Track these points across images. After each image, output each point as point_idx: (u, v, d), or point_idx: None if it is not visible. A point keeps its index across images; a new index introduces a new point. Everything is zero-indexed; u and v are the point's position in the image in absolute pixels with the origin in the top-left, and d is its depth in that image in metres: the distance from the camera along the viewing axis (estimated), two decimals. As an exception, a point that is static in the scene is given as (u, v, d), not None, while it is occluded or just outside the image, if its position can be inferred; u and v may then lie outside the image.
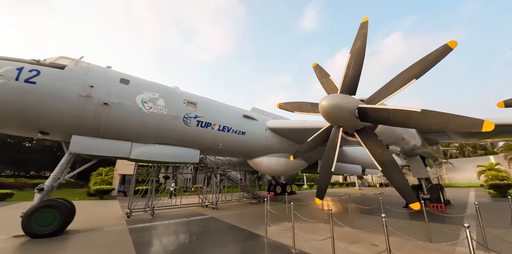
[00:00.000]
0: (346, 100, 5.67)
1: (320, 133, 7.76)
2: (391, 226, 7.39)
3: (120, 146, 7.93)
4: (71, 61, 7.37)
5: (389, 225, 4.92)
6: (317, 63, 8.67)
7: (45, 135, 7.21)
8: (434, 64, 5.05)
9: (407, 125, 5.15)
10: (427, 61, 5.11)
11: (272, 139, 12.35)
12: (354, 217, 8.27)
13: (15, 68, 6.25)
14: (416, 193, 12.95)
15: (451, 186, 31.05)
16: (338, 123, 6.20)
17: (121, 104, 7.55)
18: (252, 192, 15.44)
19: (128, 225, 8.27)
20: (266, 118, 12.76)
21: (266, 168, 12.91)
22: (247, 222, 8.66)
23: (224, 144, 10.33)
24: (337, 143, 6.45)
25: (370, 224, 7.46)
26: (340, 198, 18.88)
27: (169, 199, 17.43)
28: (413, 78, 5.25)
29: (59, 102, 6.69)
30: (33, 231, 6.20)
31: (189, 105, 9.18)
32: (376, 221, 7.84)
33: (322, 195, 6.57)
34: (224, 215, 10.34)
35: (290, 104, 8.74)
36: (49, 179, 7.04)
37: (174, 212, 11.72)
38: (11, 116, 6.39)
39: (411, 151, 10.50)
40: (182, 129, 8.85)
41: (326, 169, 6.57)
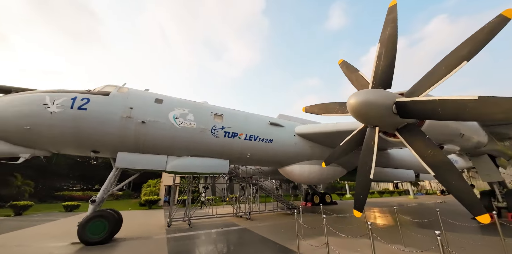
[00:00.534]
0: (379, 95, 5.00)
1: (353, 136, 7.05)
2: (456, 244, 6.18)
3: (157, 159, 8.63)
4: (115, 88, 8.50)
5: (453, 242, 4.03)
6: (344, 60, 8.11)
7: (96, 153, 8.34)
8: (487, 41, 4.19)
9: (462, 118, 4.25)
10: (478, 38, 4.26)
11: (302, 146, 11.84)
12: (407, 233, 7.12)
13: (70, 98, 7.49)
14: (488, 201, 10.65)
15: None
16: (372, 122, 5.54)
17: (156, 121, 8.31)
18: (286, 202, 14.87)
19: (167, 234, 8.76)
20: (294, 124, 12.38)
21: (298, 176, 12.34)
22: (280, 234, 8.27)
23: (252, 153, 10.33)
24: (374, 145, 5.70)
25: (428, 241, 6.33)
26: (390, 209, 16.73)
27: (200, 208, 18.02)
28: (463, 60, 4.38)
29: (106, 124, 7.70)
30: (87, 239, 7.03)
31: (216, 117, 9.58)
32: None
33: (361, 207, 5.83)
34: (257, 226, 10.12)
35: (316, 106, 8.31)
36: (100, 192, 8.03)
37: (209, 222, 12.01)
38: (69, 138, 7.59)
39: (476, 149, 8.75)
40: (210, 141, 9.21)
41: (363, 176, 5.86)
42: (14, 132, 6.98)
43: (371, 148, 5.73)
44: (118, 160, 8.12)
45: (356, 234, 6.88)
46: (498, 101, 3.78)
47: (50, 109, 7.11)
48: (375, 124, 5.60)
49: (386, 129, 5.85)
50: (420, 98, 4.75)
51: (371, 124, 5.68)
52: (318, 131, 11.33)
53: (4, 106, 6.92)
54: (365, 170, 5.76)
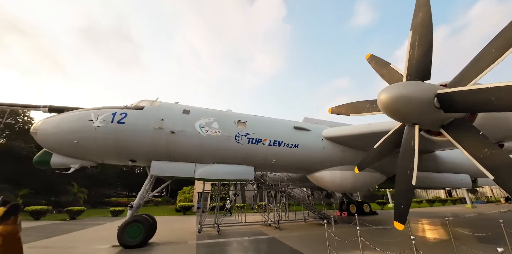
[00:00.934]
0: (415, 88, 4.44)
1: (389, 136, 6.32)
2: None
3: (186, 167, 9.05)
4: (148, 102, 9.32)
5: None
6: (372, 54, 7.55)
7: (133, 162, 9.11)
8: None
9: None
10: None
11: (332, 150, 11.14)
12: (462, 249, 6.05)
13: (110, 113, 8.40)
14: None
15: None
16: (410, 120, 4.91)
17: (184, 131, 8.80)
18: (318, 211, 14.03)
19: (197, 240, 8.97)
20: (321, 127, 11.81)
21: (329, 183, 11.60)
22: (311, 246, 7.75)
23: (277, 159, 10.12)
24: (415, 146, 4.98)
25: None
26: (442, 220, 14.55)
27: (230, 215, 18.05)
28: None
29: (140, 135, 8.41)
30: (125, 242, 7.57)
31: (239, 124, 9.74)
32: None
33: (403, 218, 5.05)
34: (286, 236, 9.69)
35: (344, 106, 7.80)
36: (137, 198, 8.65)
37: (238, 229, 11.98)
38: (110, 149, 8.46)
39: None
40: (235, 147, 9.34)
41: (403, 183, 5.12)
42: (66, 146, 8.08)
43: (411, 150, 5.03)
44: (152, 168, 8.74)
45: (398, 249, 6.06)
46: None
47: (95, 124, 8.08)
48: (413, 122, 4.94)
49: (428, 127, 5.12)
50: (468, 88, 4.03)
51: (409, 122, 5.03)
52: (349, 133, 10.52)
53: (58, 123, 8.10)
54: (406, 175, 5.06)
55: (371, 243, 6.89)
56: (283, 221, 13.57)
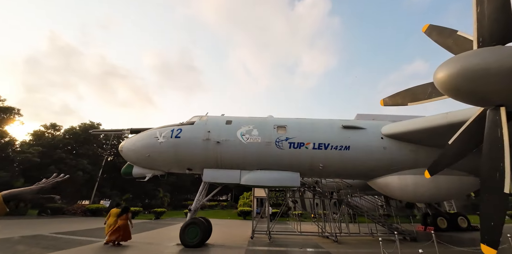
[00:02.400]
0: (491, 55, 3.36)
1: (468, 127, 4.83)
2: None
3: (232, 174, 9.58)
4: (198, 118, 10.55)
5: None
6: (430, 24, 6.16)
7: (190, 171, 10.35)
8: None
9: None
10: None
11: (397, 150, 9.27)
12: None
13: (170, 130, 9.91)
14: None
15: None
16: (492, 101, 3.76)
17: (227, 140, 9.43)
18: (388, 224, 11.83)
19: (247, 246, 9.13)
20: (379, 123, 10.13)
21: (399, 191, 9.62)
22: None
23: (325, 164, 9.31)
24: (503, 137, 3.72)
25: None
26: None
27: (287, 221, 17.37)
28: None
29: (193, 146, 9.55)
30: (186, 242, 8.49)
31: (279, 129, 9.62)
32: None
33: (494, 240, 3.69)
34: (344, 252, 8.59)
35: (399, 95, 6.54)
36: (194, 202, 9.70)
37: (291, 238, 11.52)
38: (172, 160, 9.91)
39: None
40: (276, 153, 9.24)
41: (491, 191, 3.82)
42: (141, 159, 10.00)
43: (498, 143, 3.73)
44: (204, 176, 9.69)
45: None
46: None
47: (159, 140, 9.71)
48: (498, 104, 3.72)
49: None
50: None
51: (491, 104, 3.80)
52: (419, 127, 8.39)
53: (135, 142, 10.17)
54: (494, 180, 3.73)
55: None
56: (343, 234, 12.17)
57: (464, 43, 5.05)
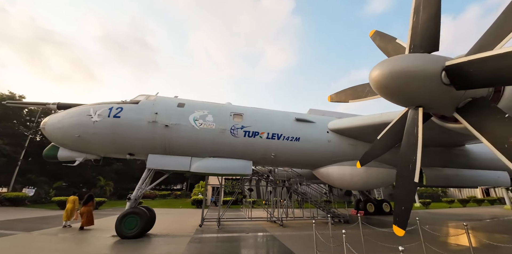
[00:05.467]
0: (415, 60, 3.63)
1: (394, 125, 5.47)
2: None
3: (182, 161, 8.98)
4: (144, 97, 9.38)
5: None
6: (376, 30, 6.62)
7: (132, 156, 9.29)
8: None
9: None
10: None
11: (339, 143, 10.23)
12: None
13: (107, 108, 8.58)
14: None
15: None
16: (412, 102, 4.08)
17: (178, 124, 8.68)
18: (327, 209, 13.20)
19: (194, 234, 8.91)
20: (327, 119, 10.90)
21: (338, 180, 10.71)
22: (310, 248, 7.15)
23: (277, 153, 9.56)
24: (418, 134, 4.15)
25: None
26: (468, 224, 12.76)
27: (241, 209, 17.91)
28: None
29: (135, 129, 8.49)
30: (122, 233, 7.75)
31: (235, 116, 9.34)
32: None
33: (403, 222, 4.29)
34: (287, 235, 9.19)
35: (344, 92, 7.03)
36: (134, 191, 8.82)
37: (240, 225, 11.78)
38: (109, 143, 8.68)
39: None
40: (231, 141, 9.00)
41: (404, 179, 4.34)
42: (70, 140, 8.46)
43: (414, 139, 4.19)
44: (148, 162, 8.81)
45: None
46: None
47: (93, 118, 8.32)
48: (417, 104, 4.08)
49: (438, 111, 4.24)
50: (485, 54, 3.13)
51: (412, 105, 4.17)
52: (358, 124, 9.47)
53: (62, 118, 8.51)
54: (407, 171, 4.23)
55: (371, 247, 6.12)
56: (290, 218, 13.09)
57: (399, 50, 5.56)
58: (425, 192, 31.76)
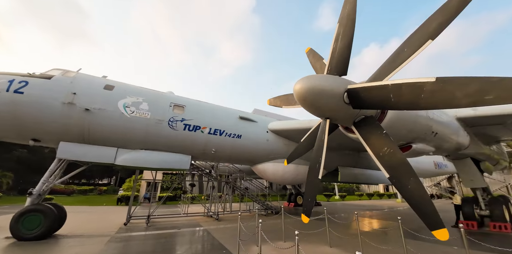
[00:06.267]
0: (326, 81, 4.31)
1: (312, 131, 6.55)
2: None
3: (105, 152, 7.88)
4: (60, 72, 7.73)
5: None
6: (311, 48, 7.57)
7: (37, 142, 7.57)
8: (458, 12, 3.51)
9: (418, 106, 3.57)
10: (447, 12, 3.59)
11: (276, 143, 11.09)
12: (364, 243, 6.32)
13: (7, 80, 6.73)
14: (470, 209, 9.93)
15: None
16: (323, 114, 4.84)
17: (102, 109, 7.54)
18: (262, 202, 14.14)
19: (116, 233, 8.04)
20: (268, 119, 11.63)
21: (272, 175, 11.61)
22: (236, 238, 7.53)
23: (218, 149, 9.57)
24: (324, 140, 5.05)
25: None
26: (364, 213, 16.02)
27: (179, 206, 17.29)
28: (428, 38, 3.73)
29: (44, 109, 6.94)
30: (19, 234, 6.35)
31: (175, 108, 8.79)
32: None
33: (308, 211, 5.13)
34: (220, 228, 9.38)
35: (279, 98, 7.78)
36: (38, 184, 7.24)
37: (174, 221, 11.33)
38: (6, 125, 6.84)
39: (456, 151, 7.99)
40: (168, 134, 8.45)
41: (311, 177, 5.20)
42: None
43: (322, 144, 5.07)
44: (60, 151, 7.37)
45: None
46: (462, 82, 3.07)
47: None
48: (326, 116, 4.89)
49: (341, 122, 5.17)
50: (370, 84, 4.06)
51: (323, 116, 5.00)
52: (292, 127, 10.58)
53: None
54: (315, 169, 5.09)
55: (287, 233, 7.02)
56: (227, 212, 13.37)
57: (323, 68, 6.50)
58: (344, 187, 37.85)
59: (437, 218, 3.58)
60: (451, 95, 3.12)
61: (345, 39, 4.78)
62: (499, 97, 2.74)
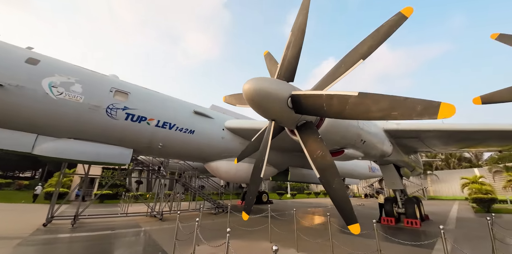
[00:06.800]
0: (273, 84, 4.48)
1: (261, 132, 6.71)
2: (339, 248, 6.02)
3: (20, 138, 6.49)
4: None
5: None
6: (269, 52, 7.76)
7: None
8: (385, 38, 4.13)
9: (344, 116, 4.00)
10: (377, 36, 4.17)
11: (231, 141, 10.95)
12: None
13: None
14: (390, 207, 11.67)
15: (436, 199, 29.96)
16: (270, 116, 4.98)
17: (20, 87, 6.17)
18: (213, 201, 13.86)
19: (30, 236, 6.82)
20: (225, 117, 11.39)
21: (225, 174, 11.42)
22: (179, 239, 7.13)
23: (166, 143, 8.89)
24: (268, 140, 5.22)
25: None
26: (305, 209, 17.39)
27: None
28: (359, 58, 4.26)
29: None
30: None
31: (117, 94, 7.77)
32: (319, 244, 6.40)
33: (248, 209, 5.25)
34: (163, 228, 8.79)
35: (234, 96, 7.69)
36: None
37: (109, 222, 10.19)
38: None
39: (382, 158, 9.28)
40: (105, 122, 7.43)
41: (255, 175, 5.29)
42: None
43: (266, 144, 5.23)
44: None
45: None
46: (377, 98, 3.56)
47: None
48: (272, 118, 5.05)
49: (286, 125, 5.44)
50: (310, 92, 4.42)
51: (269, 118, 5.13)
52: (249, 127, 10.53)
53: None
54: (258, 167, 5.19)
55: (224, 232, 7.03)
56: (173, 211, 12.61)
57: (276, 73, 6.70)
58: (296, 186, 40.30)
59: (352, 215, 4.02)
60: (368, 108, 3.58)
61: (295, 48, 5.04)
62: (401, 114, 3.25)
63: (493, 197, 16.42)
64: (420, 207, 11.96)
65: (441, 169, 36.04)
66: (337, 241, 5.87)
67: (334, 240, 5.78)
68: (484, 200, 16.20)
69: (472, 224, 11.03)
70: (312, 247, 6.44)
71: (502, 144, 9.39)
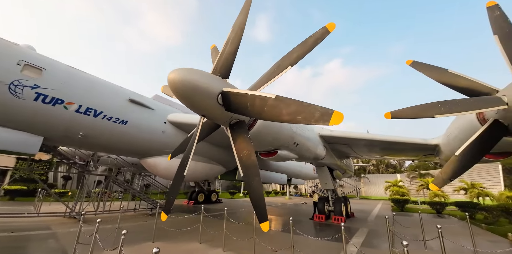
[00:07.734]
0: (202, 77, 4.27)
1: (197, 128, 6.34)
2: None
3: None
4: None
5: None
6: (216, 46, 7.53)
7: None
8: (311, 48, 4.47)
9: (262, 116, 4.09)
10: (305, 46, 4.52)
11: (174, 136, 10.12)
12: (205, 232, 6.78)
13: None
14: (322, 205, 12.79)
15: (366, 198, 34.50)
16: (199, 110, 4.75)
17: None
18: (151, 200, 12.78)
19: None
20: (170, 109, 10.53)
21: (164, 171, 10.53)
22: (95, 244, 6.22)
23: (88, 133, 7.72)
24: (196, 136, 5.05)
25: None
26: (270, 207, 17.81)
27: None
28: (289, 65, 4.52)
29: None
30: None
31: (27, 69, 6.35)
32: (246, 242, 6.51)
33: (168, 208, 4.96)
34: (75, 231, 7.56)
35: None
36: None
37: (10, 223, 8.58)
38: None
39: (316, 160, 9.98)
40: (7, 102, 6.04)
41: (179, 172, 5.06)
42: None
43: (193, 140, 5.09)
44: None
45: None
46: (289, 102, 3.74)
47: None
48: (202, 113, 4.87)
49: (218, 122, 5.30)
50: (237, 90, 4.36)
51: (199, 112, 4.91)
52: (192, 122, 9.74)
53: None
54: (182, 165, 5.00)
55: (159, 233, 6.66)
56: (99, 212, 11.13)
57: None
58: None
59: (265, 213, 4.14)
60: (280, 111, 3.75)
61: (233, 45, 4.98)
62: (304, 118, 3.49)
63: (406, 198, 19.76)
64: (347, 205, 13.44)
65: (373, 173, 41.83)
66: (261, 239, 6.03)
67: (258, 239, 5.92)
68: (399, 201, 19.28)
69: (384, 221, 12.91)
70: (238, 246, 6.46)
71: (414, 154, 11.16)
